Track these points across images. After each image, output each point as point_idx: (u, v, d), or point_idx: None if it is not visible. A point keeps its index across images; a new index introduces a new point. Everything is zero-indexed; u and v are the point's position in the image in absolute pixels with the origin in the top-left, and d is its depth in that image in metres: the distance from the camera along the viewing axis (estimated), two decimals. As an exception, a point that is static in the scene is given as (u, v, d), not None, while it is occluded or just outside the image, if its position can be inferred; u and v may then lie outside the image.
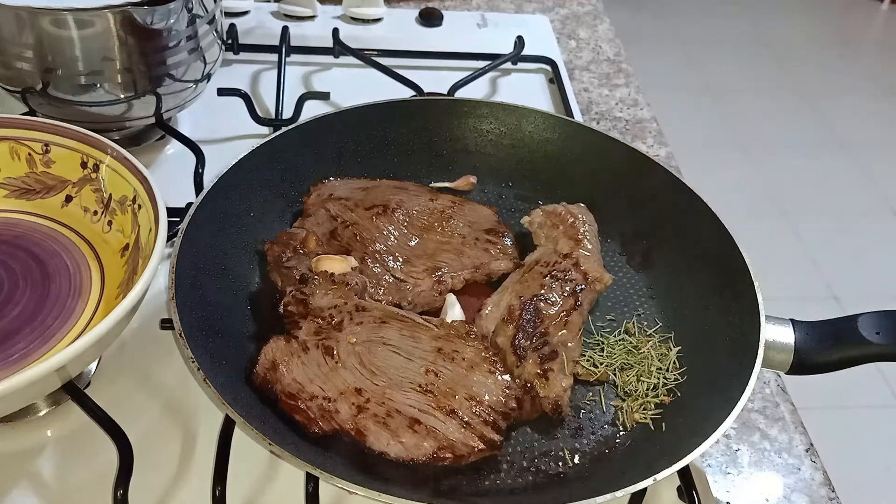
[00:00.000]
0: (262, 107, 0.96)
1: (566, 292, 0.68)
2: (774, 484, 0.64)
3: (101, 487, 0.57)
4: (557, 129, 0.84)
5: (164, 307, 0.71)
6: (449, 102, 0.86)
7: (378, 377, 0.60)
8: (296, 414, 0.58)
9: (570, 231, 0.73)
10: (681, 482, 0.59)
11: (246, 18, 1.11)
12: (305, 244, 0.71)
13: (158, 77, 0.78)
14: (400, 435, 0.56)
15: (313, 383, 0.59)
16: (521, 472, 0.59)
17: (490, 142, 0.85)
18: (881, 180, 2.69)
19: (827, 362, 0.62)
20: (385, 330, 0.63)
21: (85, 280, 0.66)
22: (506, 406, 0.59)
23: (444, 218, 0.76)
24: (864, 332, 0.61)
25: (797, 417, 0.70)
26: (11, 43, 0.72)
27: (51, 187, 0.71)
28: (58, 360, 0.50)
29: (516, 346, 0.64)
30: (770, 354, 0.62)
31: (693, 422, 0.59)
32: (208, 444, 0.60)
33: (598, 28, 1.22)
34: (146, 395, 0.64)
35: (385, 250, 0.73)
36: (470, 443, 0.57)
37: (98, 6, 0.71)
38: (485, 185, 0.83)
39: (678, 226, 0.74)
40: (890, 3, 3.69)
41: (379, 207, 0.75)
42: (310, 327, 0.63)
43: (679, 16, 3.53)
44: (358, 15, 1.12)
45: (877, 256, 2.40)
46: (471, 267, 0.73)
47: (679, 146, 1.02)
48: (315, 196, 0.77)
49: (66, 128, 0.70)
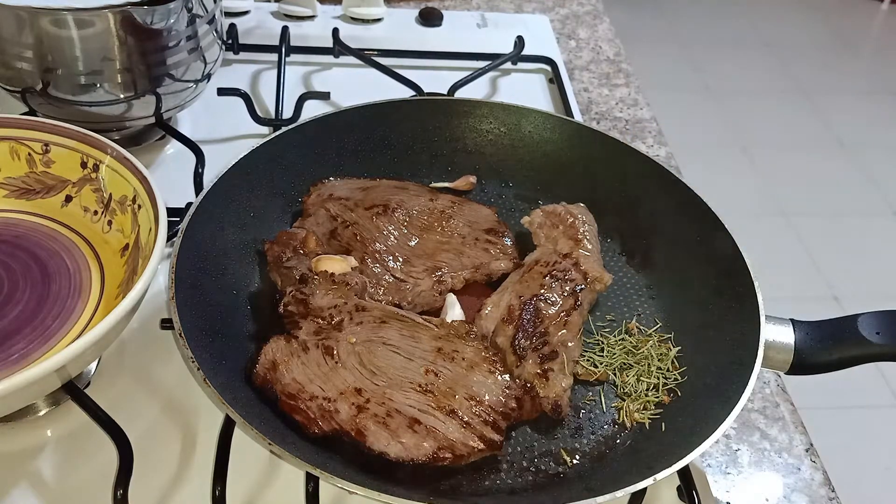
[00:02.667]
0: (261, 107, 0.96)
1: (566, 292, 0.68)
2: (774, 484, 0.64)
3: (101, 487, 0.57)
4: (557, 129, 0.84)
5: (164, 307, 0.71)
6: (449, 102, 0.86)
7: (378, 377, 0.60)
8: (296, 414, 0.58)
9: (569, 231, 0.73)
10: (681, 482, 0.59)
11: (246, 18, 1.11)
12: (305, 244, 0.71)
13: (158, 77, 0.78)
14: (400, 435, 0.56)
15: (313, 383, 0.59)
16: (521, 472, 0.59)
17: (490, 142, 0.85)
18: (881, 180, 2.69)
19: (827, 362, 0.62)
20: (385, 330, 0.63)
21: (85, 280, 0.66)
22: (506, 406, 0.59)
23: (444, 218, 0.76)
24: (864, 332, 0.61)
25: (797, 417, 0.70)
26: (11, 43, 0.72)
27: (51, 187, 0.71)
28: (58, 360, 0.50)
29: (516, 346, 0.64)
30: (770, 354, 0.62)
31: (693, 422, 0.59)
32: (208, 444, 0.60)
33: (597, 28, 1.22)
34: (146, 395, 0.64)
35: (385, 250, 0.73)
36: (470, 443, 0.57)
37: (98, 6, 0.71)
38: (485, 185, 0.84)
39: (678, 226, 0.74)
40: (890, 3, 3.69)
41: (379, 207, 0.75)
42: (310, 327, 0.63)
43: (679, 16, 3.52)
44: (358, 15, 1.12)
45: (877, 256, 2.40)
46: (471, 267, 0.73)
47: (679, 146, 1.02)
48: (315, 196, 0.77)
49: (66, 128, 0.70)
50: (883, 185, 2.67)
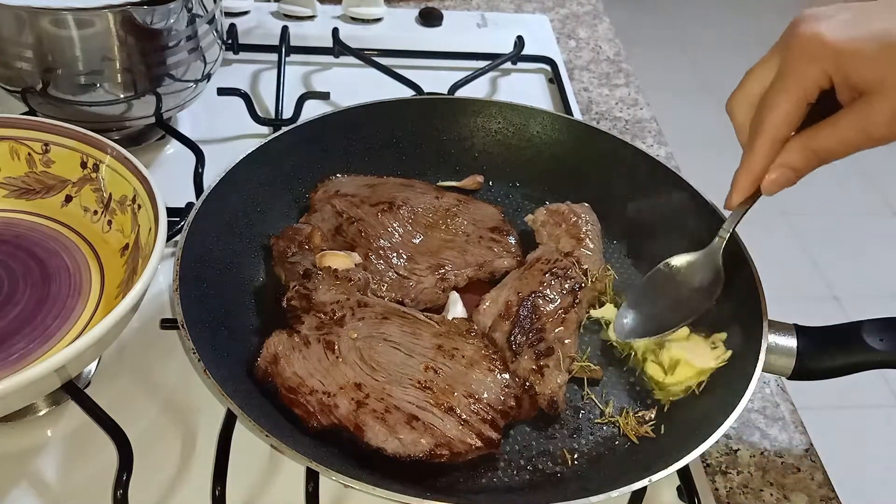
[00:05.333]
0: (261, 107, 0.96)
1: (565, 290, 0.68)
2: (774, 484, 0.64)
3: (101, 487, 0.57)
4: (566, 130, 0.83)
5: (164, 307, 0.71)
6: (458, 102, 0.86)
7: (378, 373, 0.60)
8: (295, 407, 0.58)
9: (572, 230, 0.73)
10: (681, 482, 0.59)
11: (246, 18, 1.11)
12: (311, 239, 0.71)
13: (158, 77, 0.78)
14: (398, 431, 0.56)
15: (313, 377, 0.60)
16: (518, 470, 0.59)
17: (498, 141, 0.85)
18: (881, 180, 2.69)
19: (830, 368, 0.62)
20: (386, 326, 0.63)
21: (85, 280, 0.66)
22: (504, 404, 0.59)
23: (448, 216, 0.76)
24: (867, 338, 0.61)
25: (797, 417, 0.70)
26: (11, 43, 0.72)
27: (51, 187, 0.71)
28: (57, 360, 0.50)
29: (511, 342, 0.64)
30: (772, 359, 0.62)
31: (692, 425, 0.59)
32: (208, 444, 0.60)
33: (597, 28, 1.22)
34: (146, 395, 0.64)
35: (389, 247, 0.73)
36: (467, 440, 0.57)
37: (98, 6, 0.71)
38: (492, 184, 0.84)
39: (685, 229, 0.74)
40: (890, 2, 3.68)
41: (384, 204, 0.75)
42: (312, 322, 0.63)
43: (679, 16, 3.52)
44: (358, 15, 1.12)
45: (877, 256, 2.40)
46: (474, 265, 0.73)
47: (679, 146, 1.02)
48: (322, 192, 0.77)
49: (66, 128, 0.70)
50: (883, 185, 2.67)
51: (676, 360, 0.64)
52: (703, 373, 0.63)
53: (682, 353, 0.64)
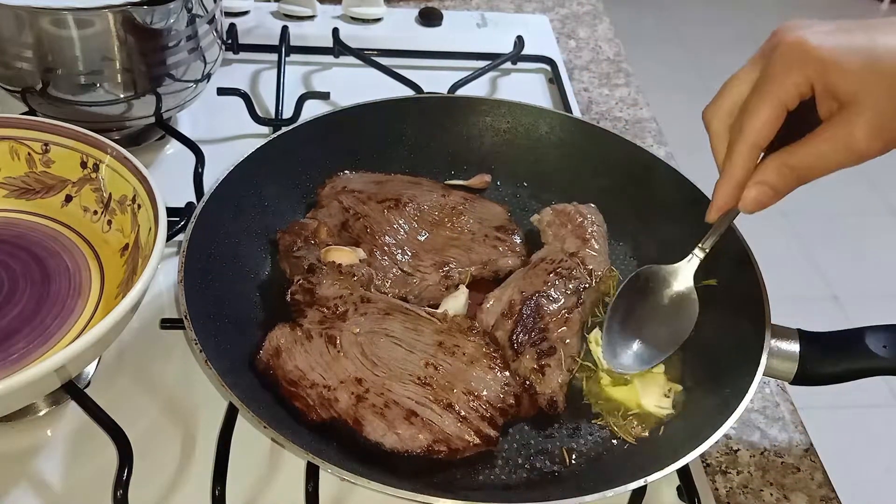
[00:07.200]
0: (261, 106, 0.96)
1: (569, 290, 0.68)
2: (774, 484, 0.64)
3: (101, 487, 0.57)
4: (575, 131, 0.83)
5: (164, 307, 0.71)
6: (467, 101, 0.86)
7: (379, 368, 0.60)
8: (296, 400, 0.59)
9: (578, 230, 0.73)
10: (681, 482, 0.59)
11: (246, 18, 1.11)
12: (316, 234, 0.71)
13: (158, 77, 0.78)
14: (396, 426, 0.57)
15: (314, 371, 0.60)
16: (515, 468, 0.59)
17: (507, 141, 0.85)
18: (881, 180, 2.69)
19: (832, 374, 0.62)
20: (388, 322, 0.63)
21: (85, 280, 0.66)
22: (504, 402, 0.59)
23: (454, 214, 0.76)
24: (871, 345, 0.61)
25: (797, 417, 0.70)
26: (11, 43, 0.72)
27: (50, 187, 0.71)
28: (57, 360, 0.50)
29: (514, 341, 0.64)
30: (773, 363, 0.61)
31: (691, 427, 0.59)
32: (208, 444, 0.60)
33: (597, 28, 1.22)
34: (146, 395, 0.64)
35: (394, 243, 0.73)
36: (465, 437, 0.57)
37: (98, 6, 0.71)
38: (500, 184, 0.84)
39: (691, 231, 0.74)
40: (890, 2, 3.69)
41: (391, 201, 0.76)
42: (314, 316, 0.63)
43: (679, 16, 3.52)
44: (358, 15, 1.12)
45: (877, 256, 2.40)
46: (479, 263, 0.73)
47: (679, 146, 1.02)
48: (329, 188, 0.77)
49: (66, 127, 0.70)
50: (882, 185, 2.67)
51: (628, 381, 0.64)
52: (639, 408, 0.63)
53: (638, 377, 0.64)
